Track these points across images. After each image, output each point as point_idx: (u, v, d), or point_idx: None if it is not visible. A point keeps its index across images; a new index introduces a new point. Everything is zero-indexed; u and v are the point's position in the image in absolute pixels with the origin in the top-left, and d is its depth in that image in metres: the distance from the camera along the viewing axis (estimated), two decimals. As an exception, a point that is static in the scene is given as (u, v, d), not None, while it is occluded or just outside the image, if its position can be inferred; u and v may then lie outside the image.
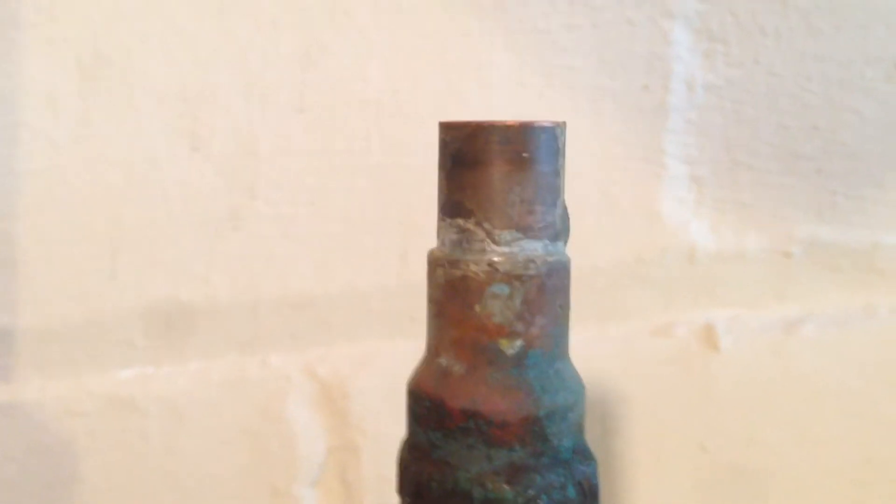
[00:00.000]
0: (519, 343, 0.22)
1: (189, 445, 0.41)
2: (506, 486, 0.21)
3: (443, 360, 0.22)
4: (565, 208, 0.24)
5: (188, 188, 0.39)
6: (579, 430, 0.23)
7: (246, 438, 0.41)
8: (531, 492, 0.21)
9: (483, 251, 0.22)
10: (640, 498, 0.45)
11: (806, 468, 0.46)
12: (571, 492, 0.22)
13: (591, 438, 0.44)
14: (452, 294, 0.22)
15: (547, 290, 0.22)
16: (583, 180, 0.42)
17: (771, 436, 0.46)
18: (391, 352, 0.42)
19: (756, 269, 0.45)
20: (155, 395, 0.40)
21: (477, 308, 0.22)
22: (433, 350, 0.23)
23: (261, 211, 0.40)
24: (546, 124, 0.22)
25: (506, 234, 0.22)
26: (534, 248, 0.22)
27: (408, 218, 0.41)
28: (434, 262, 0.23)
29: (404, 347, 0.37)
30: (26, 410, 0.40)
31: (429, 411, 0.22)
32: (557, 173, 0.23)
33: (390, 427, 0.30)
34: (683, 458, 0.45)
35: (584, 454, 0.23)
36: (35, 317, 0.39)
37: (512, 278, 0.22)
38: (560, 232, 0.23)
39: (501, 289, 0.22)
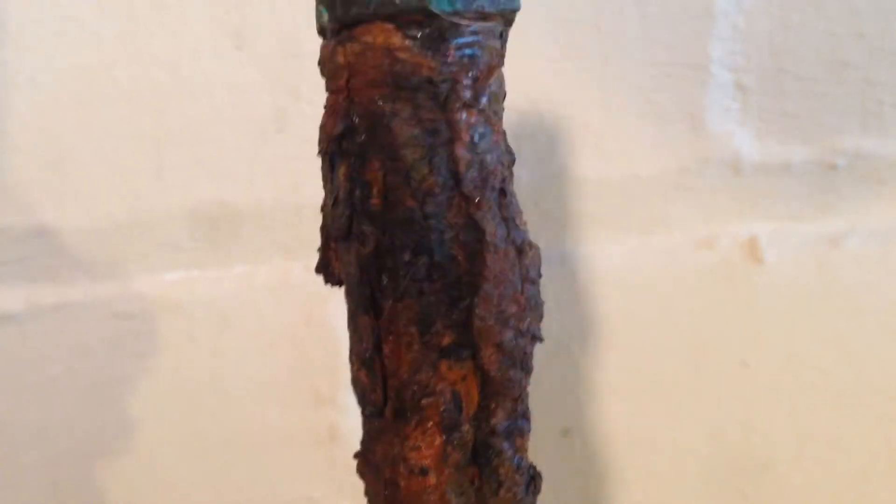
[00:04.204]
0: None
1: (233, 349, 0.41)
2: None
3: None
4: None
5: (232, 87, 0.39)
6: None
7: (290, 343, 0.41)
8: None
9: None
10: (679, 413, 0.45)
11: (847, 383, 0.46)
12: None
13: (631, 353, 0.44)
14: None
15: None
16: (626, 86, 0.42)
17: (813, 351, 0.45)
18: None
19: (800, 181, 0.44)
20: (200, 298, 0.40)
21: None
22: None
23: (305, 112, 0.40)
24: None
25: None
26: None
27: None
28: None
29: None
30: (72, 311, 0.40)
31: None
32: None
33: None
34: (725, 373, 0.45)
35: None
36: (81, 216, 0.39)
37: None
38: None
39: None
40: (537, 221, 0.43)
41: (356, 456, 0.24)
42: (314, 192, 0.41)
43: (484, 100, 0.21)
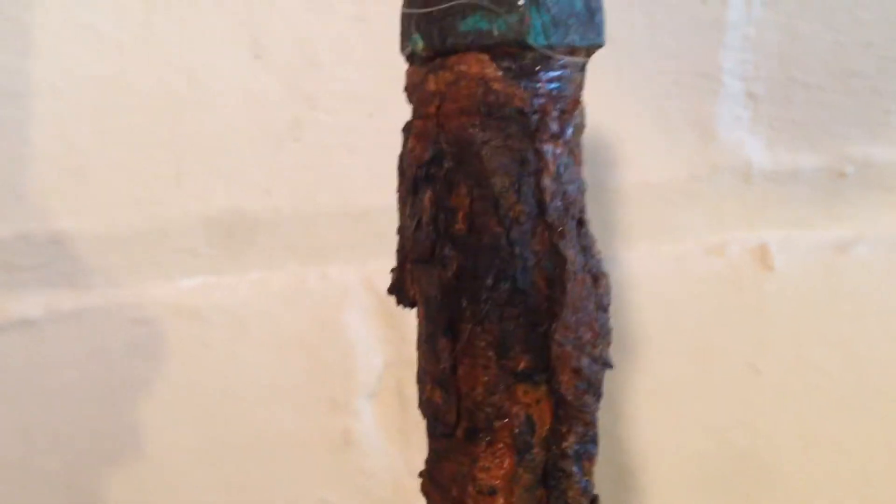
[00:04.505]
0: None
1: (249, 355, 0.41)
2: None
3: None
4: None
5: (250, 97, 0.39)
6: None
7: (305, 349, 0.42)
8: None
9: None
10: (689, 418, 0.46)
11: (856, 389, 0.46)
12: (579, 4, 0.21)
13: (641, 359, 0.44)
14: None
15: None
16: (637, 95, 0.42)
17: (822, 357, 0.46)
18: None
19: (809, 189, 0.45)
20: (216, 304, 0.41)
21: None
22: None
23: (321, 121, 0.40)
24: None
25: None
26: None
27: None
28: None
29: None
30: (90, 317, 0.40)
31: None
32: None
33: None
34: (734, 378, 0.46)
35: None
36: (100, 223, 0.40)
37: None
38: None
39: None
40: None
41: (421, 475, 0.24)
42: (329, 199, 0.41)
43: (569, 131, 0.22)
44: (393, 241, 0.42)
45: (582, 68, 0.22)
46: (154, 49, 0.38)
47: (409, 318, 0.42)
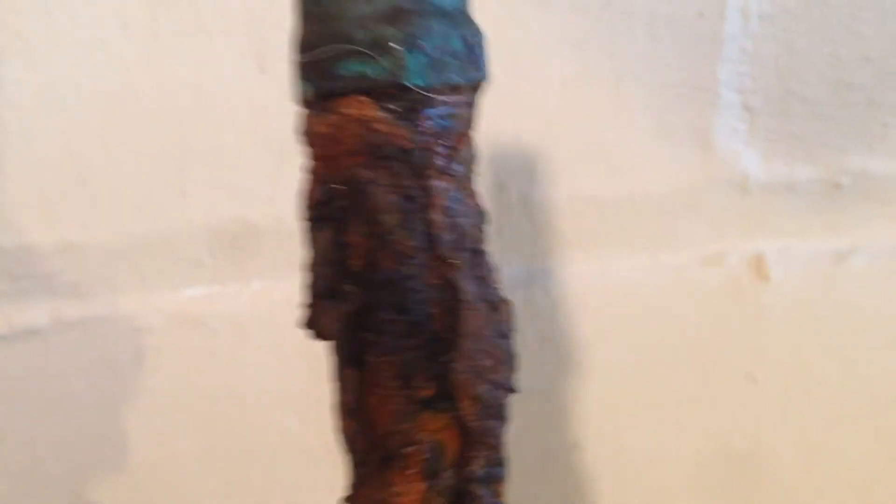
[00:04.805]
0: None
1: (252, 362, 0.42)
2: (388, 27, 0.21)
3: None
4: None
5: (254, 109, 0.40)
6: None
7: (307, 357, 0.42)
8: (413, 30, 0.21)
9: None
10: (689, 427, 0.46)
11: (853, 397, 0.47)
12: (457, 43, 0.22)
13: (640, 368, 0.45)
14: None
15: None
16: (636, 107, 0.43)
17: (819, 366, 0.46)
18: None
19: (806, 200, 0.45)
20: (220, 313, 0.41)
21: None
22: None
23: (324, 133, 0.41)
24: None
25: None
26: None
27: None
28: None
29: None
30: (96, 326, 0.41)
31: None
32: None
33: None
34: (732, 387, 0.46)
35: (468, 18, 0.22)
36: (106, 234, 0.40)
37: None
38: None
39: None
40: (551, 239, 0.44)
41: (342, 501, 0.25)
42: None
43: (456, 166, 0.22)
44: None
45: (469, 104, 0.23)
46: (160, 62, 0.39)
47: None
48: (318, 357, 0.43)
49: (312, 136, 0.22)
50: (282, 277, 0.42)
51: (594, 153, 0.43)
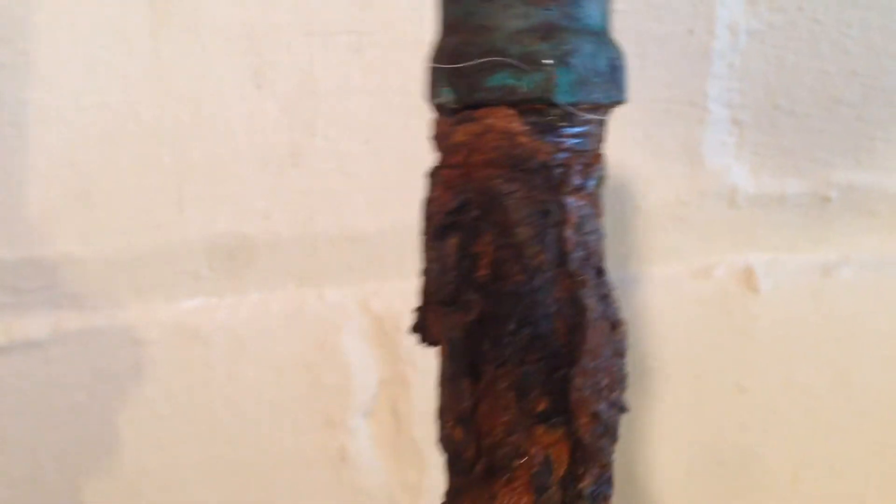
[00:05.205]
0: None
1: (249, 374, 0.43)
2: (542, 43, 0.21)
3: None
4: None
5: (252, 125, 0.41)
6: (610, 18, 0.23)
7: (303, 368, 0.43)
8: (565, 47, 0.21)
9: None
10: (679, 436, 0.47)
11: (841, 409, 0.47)
12: (602, 62, 0.22)
13: (631, 378, 0.46)
14: None
15: None
16: (626, 122, 0.44)
17: (807, 377, 0.47)
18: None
19: (795, 213, 0.46)
20: (218, 325, 0.42)
21: None
22: None
23: (320, 148, 0.41)
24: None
25: None
26: None
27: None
28: None
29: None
30: (96, 337, 0.41)
31: None
32: None
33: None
34: (722, 397, 0.47)
35: (613, 40, 0.23)
36: (105, 247, 0.41)
37: None
38: None
39: None
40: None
41: None
42: (327, 224, 0.43)
43: (591, 184, 0.23)
44: (389, 263, 0.43)
45: (604, 124, 0.23)
46: (160, 80, 0.39)
47: (404, 340, 0.44)
48: (313, 368, 0.43)
49: (448, 144, 0.22)
50: (278, 290, 0.43)
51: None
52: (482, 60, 0.21)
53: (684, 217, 0.45)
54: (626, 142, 0.44)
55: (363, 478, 0.44)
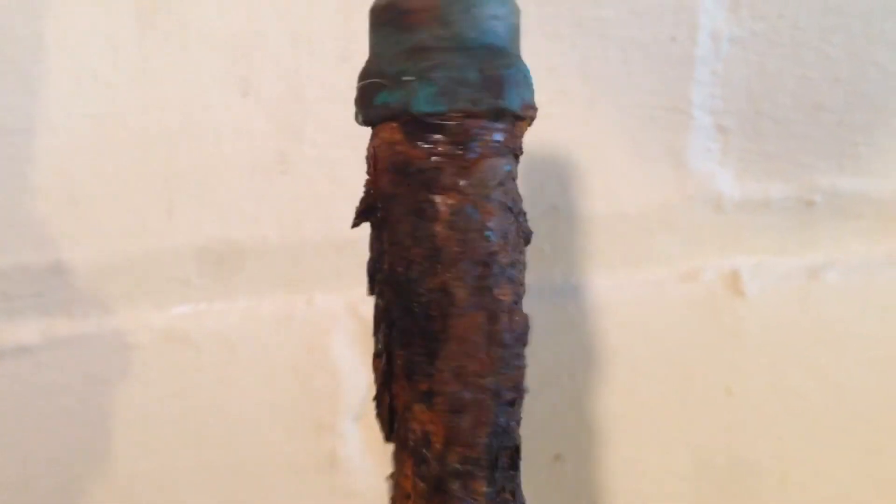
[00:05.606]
0: None
1: (239, 379, 0.43)
2: (407, 62, 0.24)
3: None
4: None
5: (239, 132, 0.41)
6: (494, 32, 0.25)
7: (292, 373, 0.43)
8: (426, 63, 0.24)
9: None
10: (668, 439, 0.47)
11: (828, 412, 0.47)
12: (473, 75, 0.24)
13: (620, 381, 0.46)
14: None
15: None
16: (612, 128, 0.44)
17: (794, 380, 0.47)
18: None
19: (779, 218, 0.46)
20: (207, 331, 0.42)
21: None
22: None
23: (307, 155, 0.42)
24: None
25: None
26: None
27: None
28: None
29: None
30: (86, 343, 0.42)
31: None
32: None
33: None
34: (709, 401, 0.47)
35: (496, 52, 0.25)
36: (95, 253, 0.41)
37: None
38: None
39: None
40: (529, 257, 0.45)
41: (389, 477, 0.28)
42: (315, 229, 0.43)
43: (463, 183, 0.25)
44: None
45: (491, 130, 0.25)
46: (148, 86, 0.40)
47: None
48: (303, 373, 0.44)
49: (367, 156, 0.26)
50: (267, 295, 0.43)
51: (571, 174, 0.44)
52: (365, 83, 0.25)
53: (671, 222, 0.46)
54: (611, 147, 0.44)
55: (354, 481, 0.44)
